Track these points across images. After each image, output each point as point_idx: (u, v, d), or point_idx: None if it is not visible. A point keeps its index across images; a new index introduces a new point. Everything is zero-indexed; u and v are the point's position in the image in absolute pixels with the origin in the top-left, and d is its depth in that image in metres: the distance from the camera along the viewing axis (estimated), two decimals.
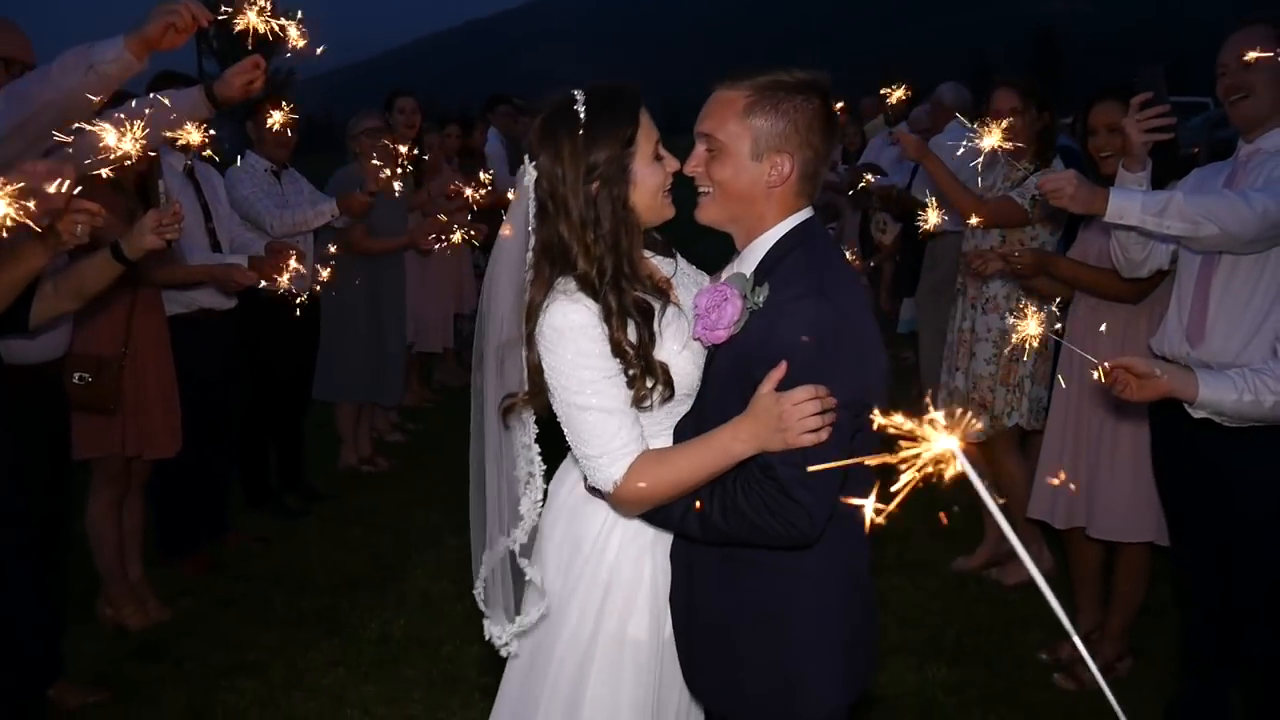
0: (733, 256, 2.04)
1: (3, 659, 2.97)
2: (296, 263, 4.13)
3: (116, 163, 2.29)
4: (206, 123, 3.01)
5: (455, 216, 5.89)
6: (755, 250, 1.94)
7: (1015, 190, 4.15)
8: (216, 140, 2.65)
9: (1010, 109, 4.08)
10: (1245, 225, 2.62)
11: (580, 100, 1.91)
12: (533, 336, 1.90)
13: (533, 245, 1.94)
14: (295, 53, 2.57)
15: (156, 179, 3.72)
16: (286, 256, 4.16)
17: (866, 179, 6.40)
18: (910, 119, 7.01)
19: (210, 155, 2.63)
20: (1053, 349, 4.08)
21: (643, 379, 1.89)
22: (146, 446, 3.97)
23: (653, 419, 1.95)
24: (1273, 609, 2.87)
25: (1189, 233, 2.67)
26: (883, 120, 8.40)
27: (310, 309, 5.24)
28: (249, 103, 4.35)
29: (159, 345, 4.04)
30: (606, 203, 1.90)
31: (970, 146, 2.90)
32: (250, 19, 2.47)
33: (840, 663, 1.96)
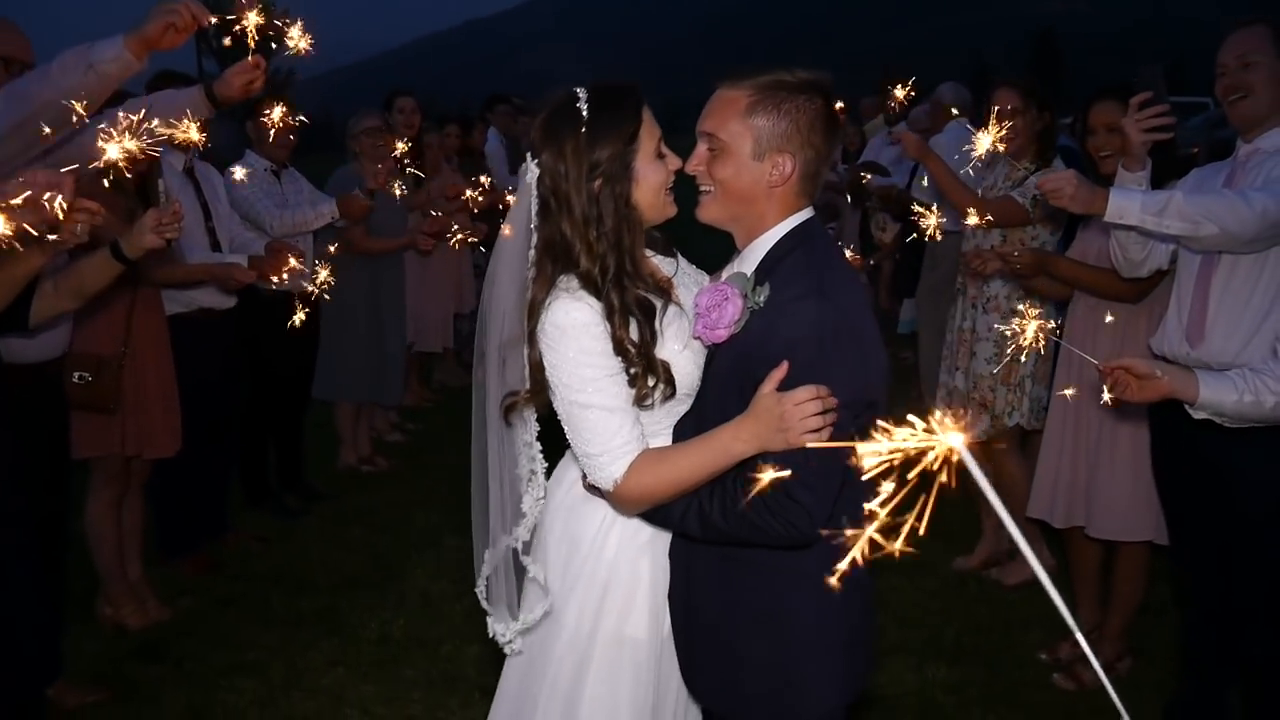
0: (733, 255, 2.04)
1: (2, 659, 2.97)
2: (297, 262, 4.13)
3: (125, 157, 2.28)
4: (205, 122, 3.01)
5: (455, 217, 5.89)
6: (756, 250, 1.94)
7: (1016, 190, 4.15)
8: (211, 145, 2.64)
9: (1011, 109, 4.08)
10: (1245, 225, 2.62)
11: (583, 98, 1.91)
12: (534, 334, 1.90)
13: (535, 243, 1.94)
14: (295, 54, 2.56)
15: (156, 178, 3.72)
16: (286, 257, 4.16)
17: (865, 178, 6.40)
18: (909, 119, 7.01)
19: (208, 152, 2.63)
20: (1053, 348, 4.08)
21: (644, 377, 1.89)
22: (146, 446, 3.97)
23: (652, 418, 1.95)
24: (1272, 609, 2.87)
25: (1189, 232, 2.68)
26: (882, 120, 8.41)
27: (310, 307, 5.24)
28: (248, 102, 4.35)
29: (159, 344, 4.03)
30: (609, 200, 1.90)
31: (970, 147, 2.90)
32: (251, 20, 2.47)
33: (839, 663, 1.96)
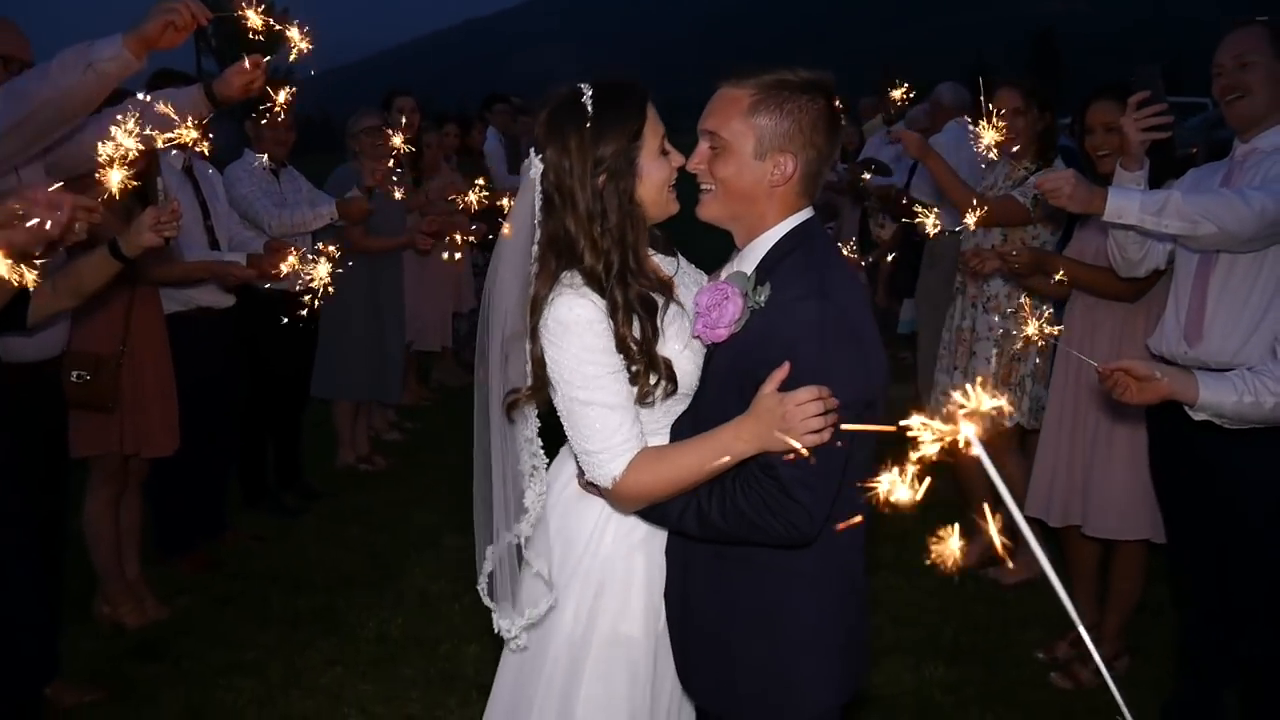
0: (732, 254, 2.04)
1: (0, 657, 2.97)
2: (296, 261, 4.12)
3: (126, 176, 2.28)
4: (205, 122, 3.01)
5: (453, 218, 5.89)
6: (756, 249, 1.94)
7: (1017, 190, 4.15)
8: (212, 143, 2.63)
9: (1012, 109, 4.08)
10: (1243, 224, 2.63)
11: (588, 94, 1.91)
12: (537, 330, 1.90)
13: (538, 238, 1.94)
14: (295, 54, 2.56)
15: (155, 177, 3.71)
16: (285, 256, 4.15)
17: (865, 178, 6.40)
18: (907, 118, 7.02)
19: (207, 152, 2.61)
20: (1052, 348, 4.08)
21: (646, 375, 1.89)
22: (144, 445, 3.97)
23: (650, 417, 1.95)
24: (1270, 609, 2.88)
25: (1187, 231, 2.68)
26: (880, 120, 8.41)
27: (308, 306, 5.24)
28: (247, 101, 4.35)
29: (157, 343, 4.03)
30: (613, 196, 1.90)
31: (974, 143, 2.91)
32: (251, 18, 2.46)
33: (835, 663, 1.96)
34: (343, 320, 5.55)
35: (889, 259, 8.00)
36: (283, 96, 2.68)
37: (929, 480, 1.03)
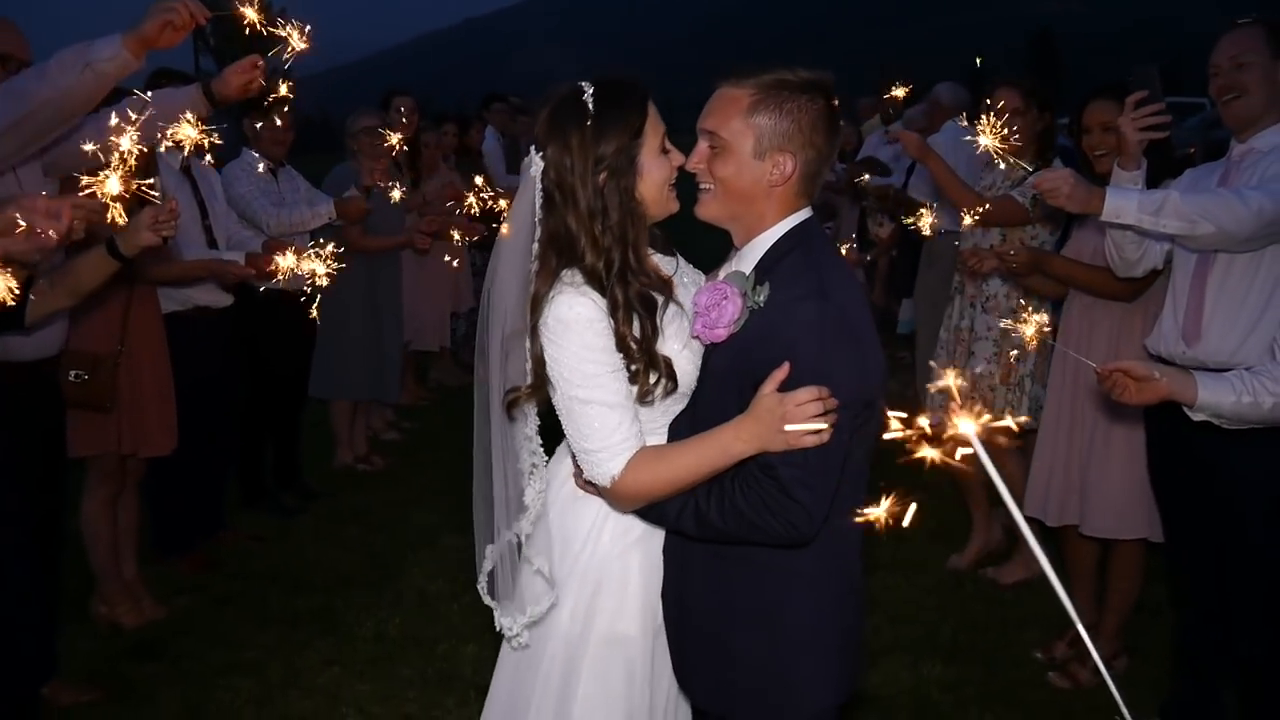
0: (730, 253, 2.04)
1: None
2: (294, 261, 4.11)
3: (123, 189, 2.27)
4: (205, 121, 3.00)
5: (453, 218, 5.89)
6: (755, 249, 1.94)
7: (1016, 189, 4.15)
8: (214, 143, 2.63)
9: (1012, 109, 4.08)
10: (1241, 223, 2.63)
11: (589, 92, 1.91)
12: (537, 328, 1.90)
13: (539, 236, 1.94)
14: (295, 56, 2.55)
15: (153, 176, 3.70)
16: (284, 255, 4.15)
17: (863, 179, 6.41)
18: (905, 118, 7.02)
19: (208, 151, 2.61)
20: (1050, 346, 4.09)
21: (646, 374, 1.89)
22: (142, 444, 3.97)
23: (648, 416, 1.95)
24: (1268, 609, 2.88)
25: (1185, 231, 2.68)
26: (878, 120, 8.42)
27: (306, 306, 5.23)
28: (246, 101, 4.34)
29: (155, 343, 4.03)
30: (614, 194, 1.90)
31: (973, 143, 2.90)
32: (249, 16, 2.46)
33: (833, 663, 1.96)
34: (341, 320, 5.54)
35: (887, 258, 8.02)
36: (285, 89, 2.67)
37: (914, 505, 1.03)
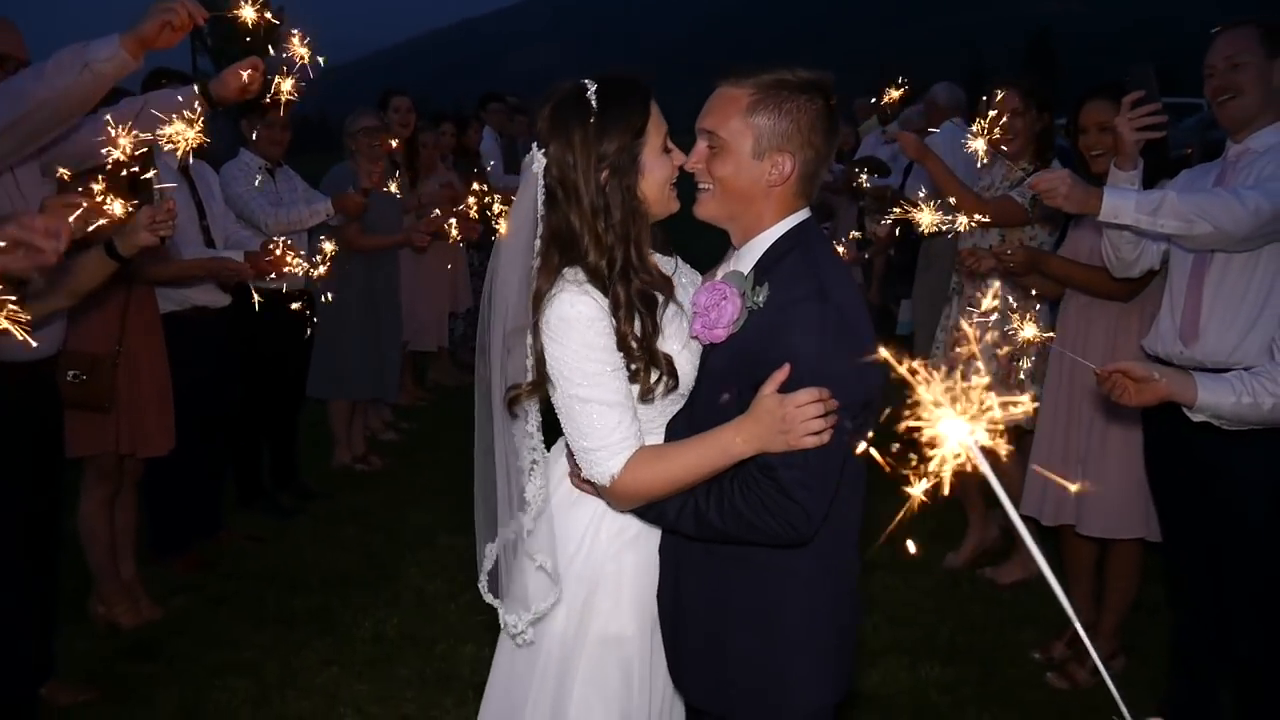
0: (729, 252, 2.04)
1: None
2: (293, 260, 4.13)
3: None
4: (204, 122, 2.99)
5: (452, 215, 5.88)
6: (753, 249, 1.94)
7: (1015, 190, 4.15)
8: (209, 142, 2.62)
9: (1011, 109, 4.08)
10: (1239, 223, 2.63)
11: (592, 90, 1.91)
12: (538, 325, 1.90)
13: (540, 233, 1.94)
14: (296, 60, 2.55)
15: (151, 176, 3.70)
16: (283, 257, 4.17)
17: (862, 179, 6.41)
18: (901, 118, 7.02)
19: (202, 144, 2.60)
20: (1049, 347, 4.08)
21: (647, 372, 1.89)
22: (140, 444, 3.96)
23: (646, 416, 1.95)
24: (1265, 609, 2.88)
25: (1183, 231, 2.68)
26: (876, 120, 8.42)
27: (304, 306, 5.24)
28: (244, 102, 4.34)
29: (153, 343, 4.02)
30: (616, 192, 1.90)
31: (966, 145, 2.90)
32: (246, 13, 2.46)
33: (829, 662, 1.97)
34: (340, 320, 5.55)
35: (883, 257, 8.02)
36: (289, 86, 2.66)
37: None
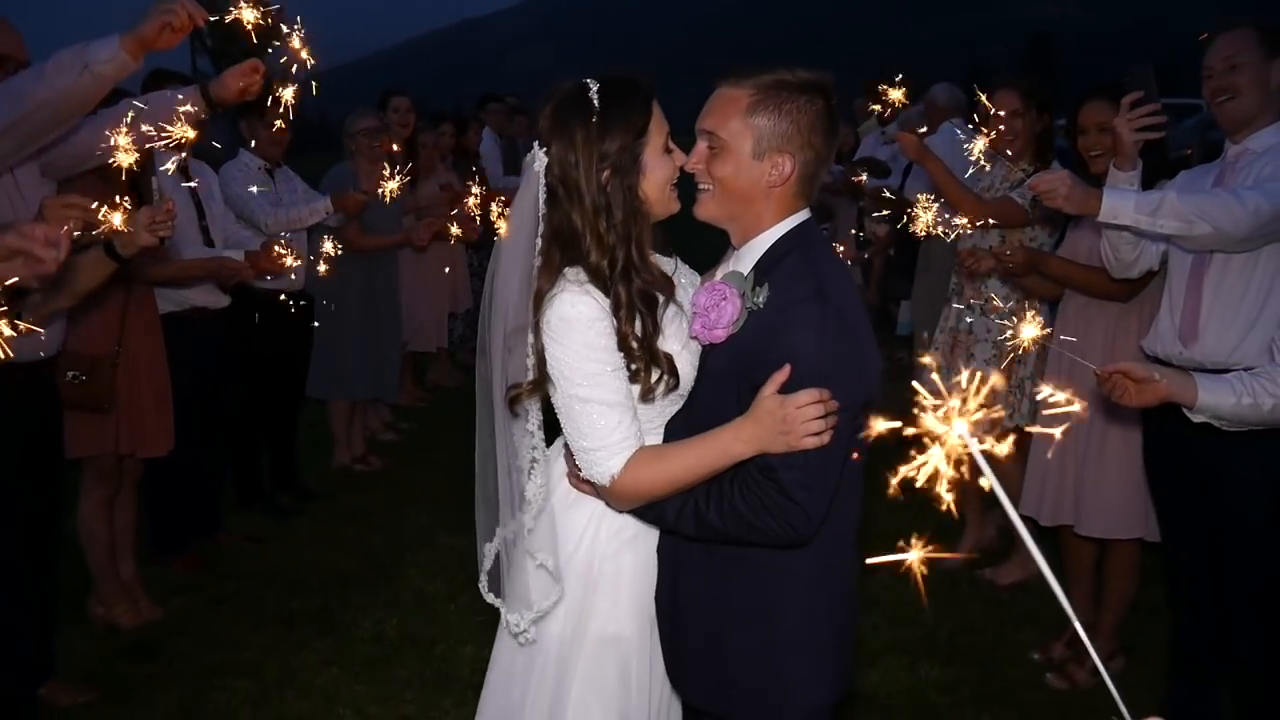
0: (728, 252, 2.04)
1: None
2: (293, 260, 4.14)
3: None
4: (202, 124, 2.99)
5: (451, 214, 5.89)
6: (753, 249, 1.94)
7: (1015, 191, 4.15)
8: (207, 142, 2.63)
9: (1011, 111, 4.09)
10: (1238, 224, 2.64)
11: (594, 89, 1.91)
12: (539, 325, 1.90)
13: (541, 232, 1.94)
14: (297, 63, 2.55)
15: (150, 176, 3.70)
16: (283, 256, 4.18)
17: (860, 179, 6.42)
18: (901, 119, 7.02)
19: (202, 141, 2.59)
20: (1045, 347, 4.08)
21: (648, 372, 1.89)
22: (140, 445, 3.96)
23: (645, 416, 1.95)
24: (1265, 609, 2.88)
25: (1183, 231, 2.68)
26: (875, 121, 8.42)
27: (304, 307, 5.25)
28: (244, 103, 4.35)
29: (152, 343, 4.02)
30: (618, 192, 1.90)
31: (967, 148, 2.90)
32: (245, 14, 2.46)
33: (827, 662, 1.97)
34: (340, 320, 5.55)
35: (882, 257, 8.03)
36: (289, 93, 2.66)
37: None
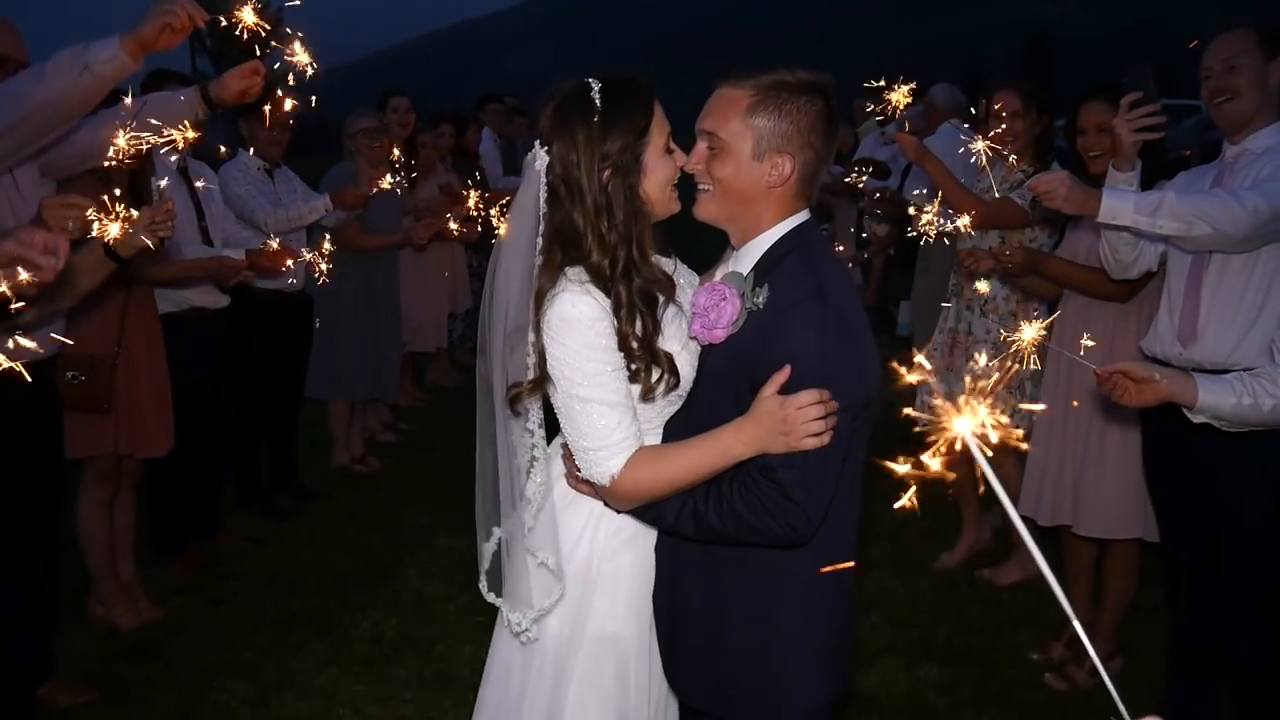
0: (726, 252, 2.04)
1: None
2: (293, 261, 4.14)
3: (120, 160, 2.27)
4: (202, 125, 2.99)
5: (452, 212, 5.89)
6: (752, 250, 1.94)
7: (1015, 192, 4.15)
8: (206, 142, 2.63)
9: (1011, 112, 4.09)
10: (1237, 224, 2.64)
11: (597, 88, 1.91)
12: (540, 324, 1.90)
13: (543, 230, 1.94)
14: (298, 67, 2.55)
15: (149, 176, 3.70)
16: (283, 255, 4.18)
17: (860, 181, 6.41)
18: (898, 120, 7.01)
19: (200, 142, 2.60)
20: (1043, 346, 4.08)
21: (648, 372, 1.90)
22: (139, 445, 3.96)
23: (643, 416, 1.95)
24: (1264, 609, 2.89)
25: (1182, 232, 2.69)
26: (874, 122, 8.41)
27: (303, 307, 5.25)
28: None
29: (151, 344, 4.02)
30: (619, 191, 1.90)
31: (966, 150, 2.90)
32: (246, 16, 2.46)
33: (825, 662, 1.97)
34: (339, 320, 5.55)
35: (882, 257, 8.02)
36: (289, 105, 2.67)
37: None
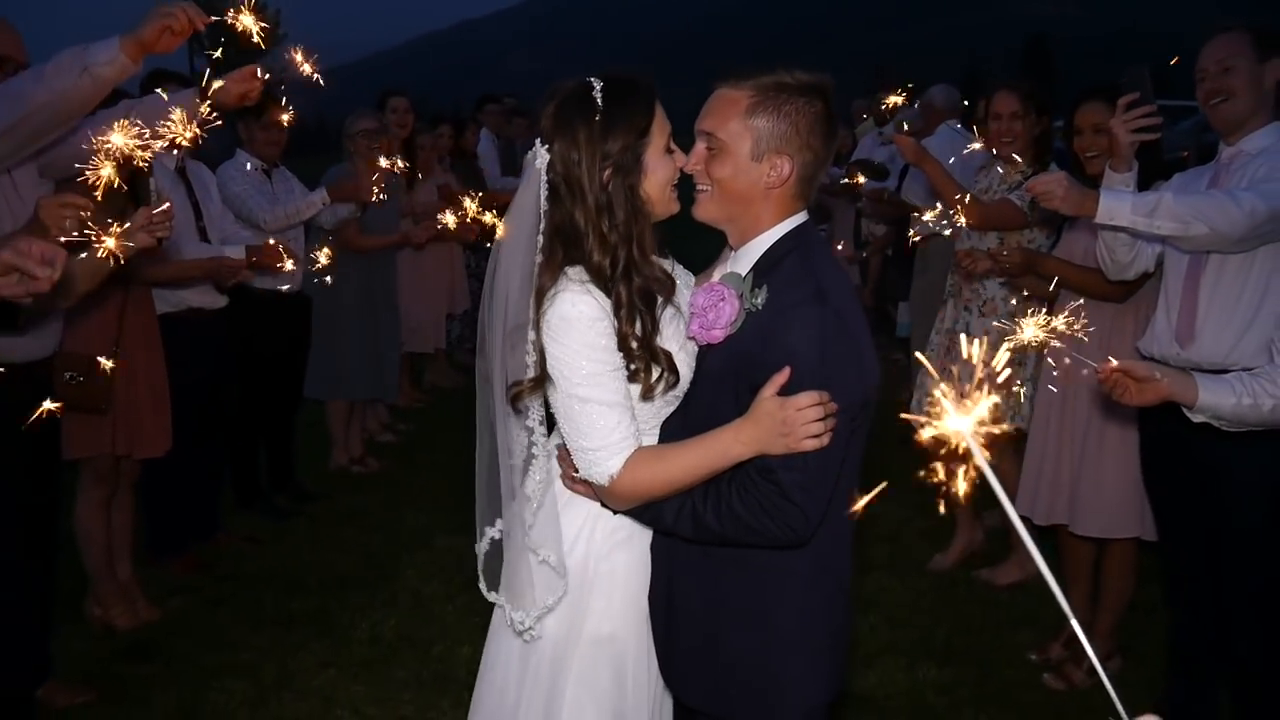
0: (724, 252, 2.05)
1: None
2: (291, 260, 4.14)
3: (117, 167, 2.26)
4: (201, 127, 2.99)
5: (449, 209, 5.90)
6: (751, 251, 1.94)
7: (1013, 193, 4.16)
8: (205, 143, 2.63)
9: (1010, 113, 4.09)
10: (1234, 224, 2.64)
11: (598, 88, 1.91)
12: (540, 322, 1.90)
13: (543, 228, 1.94)
14: (293, 68, 2.56)
15: (147, 176, 3.70)
16: (282, 252, 4.18)
17: (858, 180, 6.42)
18: (895, 121, 7.03)
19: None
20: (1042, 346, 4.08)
21: (647, 371, 1.90)
22: (137, 446, 3.96)
23: (641, 417, 1.95)
24: (1263, 609, 2.89)
25: (1179, 233, 2.69)
26: (872, 123, 8.43)
27: (302, 307, 5.25)
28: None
29: (150, 344, 4.02)
30: (620, 191, 1.90)
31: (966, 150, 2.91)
32: (244, 21, 2.46)
33: (822, 661, 1.97)
34: (338, 321, 5.55)
35: (879, 257, 8.04)
36: (286, 119, 2.68)
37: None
